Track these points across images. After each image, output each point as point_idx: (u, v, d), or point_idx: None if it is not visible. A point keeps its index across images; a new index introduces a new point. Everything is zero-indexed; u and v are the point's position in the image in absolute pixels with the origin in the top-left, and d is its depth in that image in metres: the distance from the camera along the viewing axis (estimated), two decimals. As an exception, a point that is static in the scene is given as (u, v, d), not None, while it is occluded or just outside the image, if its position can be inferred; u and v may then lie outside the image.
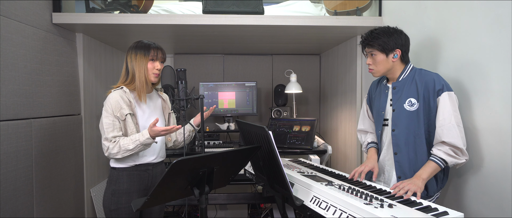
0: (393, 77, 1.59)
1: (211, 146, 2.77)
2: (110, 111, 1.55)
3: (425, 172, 1.41)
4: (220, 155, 1.23)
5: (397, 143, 1.54)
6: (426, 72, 1.51)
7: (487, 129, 1.42)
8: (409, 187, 1.34)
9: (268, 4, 2.72)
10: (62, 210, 2.14)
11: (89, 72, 2.48)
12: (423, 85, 1.47)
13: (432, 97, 1.44)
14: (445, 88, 1.43)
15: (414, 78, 1.51)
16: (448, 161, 1.41)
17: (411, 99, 1.50)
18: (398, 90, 1.55)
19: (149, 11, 2.47)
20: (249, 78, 3.46)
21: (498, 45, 1.36)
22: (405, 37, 1.55)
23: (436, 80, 1.44)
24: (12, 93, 1.71)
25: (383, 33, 1.52)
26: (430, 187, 1.49)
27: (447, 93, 1.42)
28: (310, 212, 1.35)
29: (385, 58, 1.52)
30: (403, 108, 1.51)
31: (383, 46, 1.50)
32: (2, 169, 1.62)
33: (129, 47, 1.65)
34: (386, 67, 1.54)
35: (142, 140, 1.51)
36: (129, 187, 1.62)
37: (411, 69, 1.55)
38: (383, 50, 1.51)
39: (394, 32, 1.52)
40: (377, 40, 1.51)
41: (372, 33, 1.54)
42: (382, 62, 1.53)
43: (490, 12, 1.40)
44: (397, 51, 1.51)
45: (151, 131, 1.50)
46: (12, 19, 1.73)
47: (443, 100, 1.42)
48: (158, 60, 1.64)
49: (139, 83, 1.61)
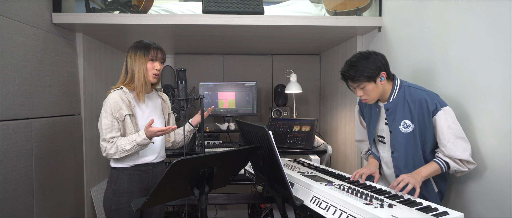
0: (384, 97, 1.57)
1: (211, 146, 2.77)
2: (109, 111, 1.55)
3: (425, 170, 1.42)
4: (220, 155, 1.23)
5: (398, 165, 1.55)
6: (415, 91, 1.48)
7: (487, 129, 1.42)
8: (409, 180, 1.35)
9: (268, 4, 2.72)
10: (62, 210, 2.14)
11: (89, 72, 2.48)
12: (416, 106, 1.45)
13: (427, 118, 1.44)
14: (438, 106, 1.42)
15: (405, 97, 1.49)
16: (451, 166, 1.41)
17: (405, 121, 1.49)
18: (391, 111, 1.53)
19: (149, 11, 2.47)
20: (249, 78, 3.46)
21: (498, 45, 1.35)
22: (382, 57, 1.52)
23: (428, 100, 1.43)
24: (12, 93, 1.71)
25: (361, 61, 1.48)
26: (432, 201, 1.49)
27: (442, 111, 1.41)
28: (310, 212, 1.35)
29: (375, 85, 1.49)
30: (399, 131, 1.50)
31: (369, 75, 1.46)
32: (2, 169, 1.62)
33: (130, 46, 1.65)
34: (378, 92, 1.52)
35: (139, 140, 1.51)
36: (130, 187, 1.62)
37: (400, 87, 1.53)
38: (370, 79, 1.47)
39: (369, 56, 1.49)
40: (360, 72, 1.47)
41: (351, 65, 1.50)
42: (373, 89, 1.50)
43: (490, 12, 1.40)
44: (382, 74, 1.49)
45: (147, 131, 1.50)
46: (12, 19, 1.73)
47: (439, 119, 1.41)
48: (157, 61, 1.64)
49: (138, 83, 1.61)
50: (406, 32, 2.00)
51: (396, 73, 2.09)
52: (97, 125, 1.60)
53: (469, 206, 1.54)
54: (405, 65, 2.01)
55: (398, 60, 2.09)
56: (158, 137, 1.70)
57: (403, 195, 1.33)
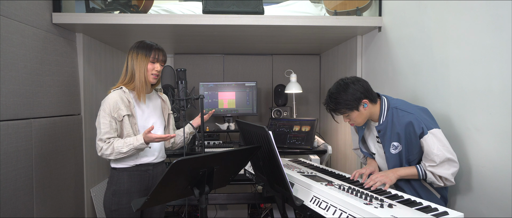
0: (375, 118, 1.60)
1: (211, 146, 2.77)
2: (107, 111, 1.55)
3: (403, 171, 1.49)
4: (220, 155, 1.23)
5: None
6: (403, 114, 1.50)
7: (487, 129, 1.42)
8: (379, 178, 1.43)
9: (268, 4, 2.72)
10: (62, 210, 2.14)
11: (89, 72, 2.48)
12: (403, 130, 1.48)
13: (414, 140, 1.47)
14: (425, 129, 1.44)
15: (393, 121, 1.52)
16: (428, 178, 1.47)
17: (394, 143, 1.53)
18: (382, 133, 1.57)
19: (149, 11, 2.47)
20: (249, 78, 3.46)
21: (498, 45, 1.35)
22: (361, 84, 1.53)
23: (414, 124, 1.45)
24: (12, 93, 1.71)
25: (339, 93, 1.51)
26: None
27: (429, 135, 1.43)
28: (310, 212, 1.35)
29: (358, 112, 1.53)
30: (390, 153, 1.55)
31: (348, 106, 1.50)
32: (2, 169, 1.62)
33: (131, 46, 1.65)
34: (365, 117, 1.56)
35: (136, 144, 1.53)
36: (130, 187, 1.62)
37: (388, 109, 1.55)
38: (352, 108, 1.51)
39: (347, 86, 1.51)
40: (339, 104, 1.51)
41: (331, 98, 1.54)
42: (357, 116, 1.54)
43: (490, 12, 1.40)
44: (363, 102, 1.51)
45: (146, 137, 1.51)
46: (12, 19, 1.73)
47: (426, 142, 1.44)
48: (158, 62, 1.64)
49: (138, 83, 1.61)
50: (406, 32, 2.00)
51: (396, 73, 2.10)
52: (95, 123, 1.60)
53: (469, 206, 1.54)
54: (405, 65, 2.01)
55: (398, 60, 2.09)
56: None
57: (403, 195, 1.34)
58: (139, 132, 1.62)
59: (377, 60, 2.36)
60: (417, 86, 1.88)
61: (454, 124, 1.60)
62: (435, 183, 1.46)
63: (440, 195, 1.54)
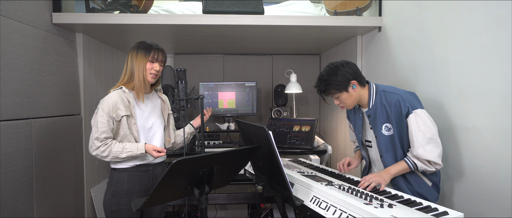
0: (364, 103, 1.63)
1: (211, 146, 2.77)
2: (106, 110, 1.55)
3: (394, 169, 1.51)
4: (220, 155, 1.23)
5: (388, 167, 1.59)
6: (390, 95, 1.54)
7: (487, 129, 1.42)
8: (374, 179, 1.44)
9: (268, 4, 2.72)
10: (62, 210, 2.14)
11: (89, 72, 2.48)
12: (392, 109, 1.52)
13: (404, 121, 1.51)
14: (410, 109, 1.48)
15: (382, 102, 1.56)
16: (419, 167, 1.48)
17: (386, 124, 1.56)
18: (373, 117, 1.60)
19: (149, 11, 2.47)
20: (249, 78, 3.46)
21: (498, 45, 1.35)
22: (349, 66, 1.57)
23: (401, 102, 1.50)
24: (12, 93, 1.71)
25: (330, 75, 1.55)
26: (430, 196, 1.53)
27: (413, 114, 1.47)
28: (310, 212, 1.35)
29: (347, 93, 1.56)
30: (382, 134, 1.57)
31: (338, 87, 1.54)
32: (2, 169, 1.62)
33: (132, 46, 1.66)
34: (354, 99, 1.59)
35: (136, 153, 1.56)
36: (130, 188, 1.62)
37: (376, 93, 1.59)
38: (340, 89, 1.55)
39: (337, 68, 1.55)
40: (329, 85, 1.55)
41: (321, 80, 1.58)
42: (347, 98, 1.57)
43: (490, 12, 1.40)
44: (352, 83, 1.55)
45: (147, 148, 1.56)
46: (12, 19, 1.73)
47: (410, 122, 1.48)
48: (157, 62, 1.64)
49: (137, 82, 1.61)
50: (406, 32, 2.00)
51: (396, 73, 2.10)
52: (91, 121, 1.59)
53: (469, 206, 1.54)
54: (405, 65, 2.01)
55: (398, 60, 2.09)
56: (158, 138, 1.70)
57: (403, 195, 1.34)
58: (139, 132, 1.62)
59: (377, 60, 2.36)
60: (417, 86, 1.88)
61: (454, 124, 1.60)
62: (427, 170, 1.47)
63: (432, 183, 1.55)
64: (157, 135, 1.70)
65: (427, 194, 1.52)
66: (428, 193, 1.53)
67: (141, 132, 1.63)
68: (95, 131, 1.55)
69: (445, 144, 1.67)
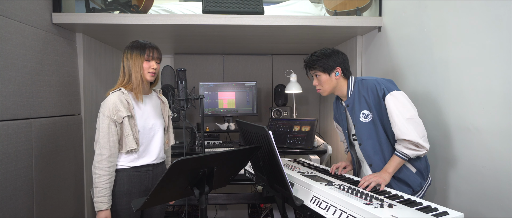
0: (342, 94, 1.67)
1: (211, 146, 2.77)
2: (107, 113, 1.55)
3: (390, 166, 1.52)
4: (220, 155, 1.23)
5: (368, 155, 1.62)
6: (366, 81, 1.60)
7: (487, 129, 1.42)
8: (373, 179, 1.45)
9: (268, 4, 2.72)
10: (62, 210, 2.14)
11: (89, 72, 2.48)
12: (369, 94, 1.56)
13: (382, 102, 1.54)
14: (386, 91, 1.52)
15: (359, 90, 1.61)
16: (410, 155, 1.49)
17: (364, 111, 1.59)
18: (351, 106, 1.64)
19: (149, 11, 2.47)
20: (249, 78, 3.46)
21: (498, 45, 1.35)
22: (342, 56, 1.65)
23: (377, 86, 1.55)
24: (12, 93, 1.71)
25: (322, 55, 1.62)
26: (411, 182, 1.55)
27: (389, 96, 1.51)
28: (310, 212, 1.35)
29: (328, 77, 1.62)
30: (360, 122, 1.60)
31: (324, 67, 1.61)
32: (2, 169, 1.62)
33: (125, 47, 1.65)
34: (332, 85, 1.64)
35: (97, 199, 1.52)
36: (130, 188, 1.62)
37: (354, 83, 1.64)
38: (325, 70, 1.61)
39: (331, 53, 1.63)
40: (317, 62, 1.62)
41: (312, 56, 1.65)
42: (326, 81, 1.63)
43: (490, 12, 1.40)
44: (337, 69, 1.62)
45: (100, 214, 1.53)
46: (12, 19, 1.73)
47: (387, 103, 1.52)
48: (153, 60, 1.64)
49: (135, 83, 1.61)
50: (406, 32, 2.00)
51: (396, 73, 2.10)
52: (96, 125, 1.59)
53: (469, 206, 1.54)
54: (405, 65, 2.01)
55: (398, 60, 2.09)
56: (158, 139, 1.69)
57: (403, 195, 1.34)
58: (139, 132, 1.62)
59: (377, 60, 2.36)
60: (417, 86, 1.88)
61: (454, 124, 1.60)
62: (418, 154, 1.49)
63: (416, 169, 1.56)
64: (157, 136, 1.70)
65: (410, 180, 1.54)
66: (411, 179, 1.55)
67: (141, 132, 1.63)
68: (98, 142, 1.54)
69: (445, 144, 1.67)
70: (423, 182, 1.57)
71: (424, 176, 1.57)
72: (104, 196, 1.53)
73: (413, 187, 1.55)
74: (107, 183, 1.54)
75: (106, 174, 1.53)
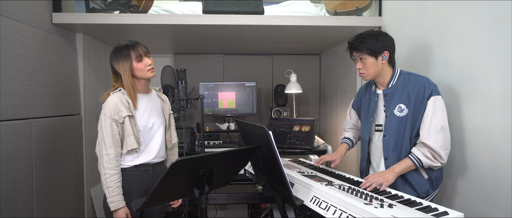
0: (383, 82, 1.60)
1: (211, 146, 2.77)
2: (108, 114, 1.55)
3: (398, 167, 1.48)
4: (220, 155, 1.23)
5: (387, 148, 1.57)
6: (415, 77, 1.53)
7: (487, 129, 1.42)
8: (375, 180, 1.42)
9: (268, 4, 2.72)
10: (62, 210, 2.14)
11: (89, 72, 2.48)
12: (415, 90, 1.50)
13: (423, 102, 1.48)
14: (433, 92, 1.47)
15: (405, 84, 1.54)
16: (423, 162, 1.46)
17: (400, 105, 1.53)
18: (389, 97, 1.57)
19: (149, 11, 2.47)
20: (249, 78, 3.46)
21: (498, 45, 1.35)
22: (391, 39, 1.57)
23: (426, 85, 1.48)
24: (12, 93, 1.71)
25: (370, 37, 1.53)
26: (418, 187, 1.51)
27: (434, 98, 1.46)
28: (310, 212, 1.35)
29: (375, 61, 1.54)
30: (393, 114, 1.54)
31: (372, 49, 1.52)
32: (2, 169, 1.62)
33: (111, 52, 1.62)
34: (377, 70, 1.56)
35: (110, 199, 1.53)
36: (130, 188, 1.62)
37: (399, 74, 1.58)
38: (372, 53, 1.52)
39: (379, 35, 1.54)
40: (364, 43, 1.52)
41: (359, 37, 1.56)
42: (372, 65, 1.54)
43: (490, 12, 1.40)
44: (385, 53, 1.54)
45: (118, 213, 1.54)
46: (12, 19, 1.72)
47: (430, 104, 1.46)
48: (144, 56, 1.61)
49: (127, 88, 1.59)
50: (406, 32, 2.00)
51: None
52: (97, 127, 1.59)
53: (469, 206, 1.54)
54: (405, 65, 2.01)
55: (398, 60, 2.09)
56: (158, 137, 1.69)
57: (403, 195, 1.34)
58: (140, 132, 1.62)
59: (377, 60, 2.35)
60: (417, 86, 1.88)
61: (454, 124, 1.60)
62: (431, 165, 1.45)
63: (428, 176, 1.52)
64: (158, 135, 1.70)
65: (418, 185, 1.50)
66: (419, 184, 1.50)
67: (142, 132, 1.63)
68: (103, 142, 1.54)
69: (445, 144, 1.66)
70: (431, 190, 1.53)
71: (433, 185, 1.53)
72: (118, 194, 1.53)
73: (419, 193, 1.50)
74: (119, 182, 1.55)
75: (117, 173, 1.54)
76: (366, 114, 1.70)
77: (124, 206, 1.55)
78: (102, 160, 1.55)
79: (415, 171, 1.51)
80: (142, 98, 1.67)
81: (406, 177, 1.52)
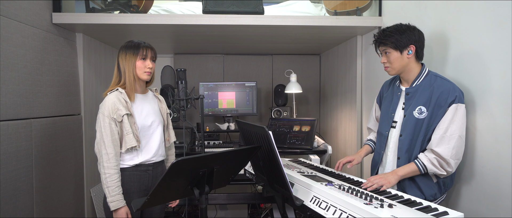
0: (408, 78, 1.55)
1: (211, 146, 2.77)
2: (106, 113, 1.55)
3: (402, 170, 1.47)
4: (220, 155, 1.23)
5: (401, 148, 1.53)
6: (442, 80, 1.47)
7: (487, 129, 1.42)
8: (377, 181, 1.42)
9: (268, 4, 2.72)
10: (62, 210, 2.14)
11: (89, 72, 2.48)
12: (438, 94, 1.44)
13: (443, 107, 1.42)
14: (457, 99, 1.40)
15: (431, 86, 1.47)
16: (429, 169, 1.43)
17: (421, 107, 1.48)
18: (411, 96, 1.52)
19: (149, 11, 2.47)
20: (249, 78, 3.46)
21: (498, 45, 1.36)
22: (418, 33, 1.51)
23: (451, 91, 1.42)
24: (12, 93, 1.71)
25: (396, 31, 1.49)
26: (426, 190, 1.48)
27: (457, 105, 1.40)
28: (310, 212, 1.35)
29: (400, 55, 1.49)
30: (412, 115, 1.49)
31: (396, 43, 1.48)
32: (2, 169, 1.62)
33: (120, 47, 1.66)
34: (402, 65, 1.51)
35: (110, 199, 1.52)
36: (129, 187, 1.62)
37: (427, 74, 1.52)
38: (397, 47, 1.49)
39: (406, 29, 1.50)
40: (389, 38, 1.49)
41: (384, 31, 1.52)
42: (397, 59, 1.51)
43: (490, 12, 1.40)
44: (411, 47, 1.48)
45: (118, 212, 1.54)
46: (12, 19, 1.72)
47: (450, 110, 1.41)
48: (148, 59, 1.64)
49: (128, 82, 1.61)
50: (406, 32, 2.00)
51: (396, 73, 2.09)
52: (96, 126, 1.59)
53: (469, 206, 1.54)
54: (405, 65, 2.01)
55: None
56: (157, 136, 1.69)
57: (403, 195, 1.34)
58: (139, 130, 1.62)
59: (377, 60, 2.35)
60: (417, 86, 1.88)
61: (454, 124, 1.59)
62: (437, 172, 1.42)
63: (437, 180, 1.49)
64: (157, 134, 1.70)
65: (425, 188, 1.47)
66: (427, 187, 1.48)
67: (141, 130, 1.63)
68: (102, 142, 1.54)
69: (445, 144, 1.66)
70: (439, 194, 1.50)
71: (442, 190, 1.50)
72: (118, 194, 1.54)
73: (426, 196, 1.47)
74: (119, 181, 1.55)
75: (116, 173, 1.55)
76: (387, 108, 1.65)
77: (124, 206, 1.55)
78: (101, 160, 1.55)
79: (426, 177, 1.48)
80: (139, 98, 1.67)
81: (415, 179, 1.49)
